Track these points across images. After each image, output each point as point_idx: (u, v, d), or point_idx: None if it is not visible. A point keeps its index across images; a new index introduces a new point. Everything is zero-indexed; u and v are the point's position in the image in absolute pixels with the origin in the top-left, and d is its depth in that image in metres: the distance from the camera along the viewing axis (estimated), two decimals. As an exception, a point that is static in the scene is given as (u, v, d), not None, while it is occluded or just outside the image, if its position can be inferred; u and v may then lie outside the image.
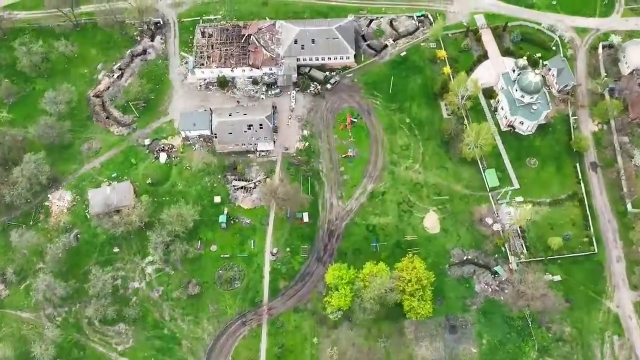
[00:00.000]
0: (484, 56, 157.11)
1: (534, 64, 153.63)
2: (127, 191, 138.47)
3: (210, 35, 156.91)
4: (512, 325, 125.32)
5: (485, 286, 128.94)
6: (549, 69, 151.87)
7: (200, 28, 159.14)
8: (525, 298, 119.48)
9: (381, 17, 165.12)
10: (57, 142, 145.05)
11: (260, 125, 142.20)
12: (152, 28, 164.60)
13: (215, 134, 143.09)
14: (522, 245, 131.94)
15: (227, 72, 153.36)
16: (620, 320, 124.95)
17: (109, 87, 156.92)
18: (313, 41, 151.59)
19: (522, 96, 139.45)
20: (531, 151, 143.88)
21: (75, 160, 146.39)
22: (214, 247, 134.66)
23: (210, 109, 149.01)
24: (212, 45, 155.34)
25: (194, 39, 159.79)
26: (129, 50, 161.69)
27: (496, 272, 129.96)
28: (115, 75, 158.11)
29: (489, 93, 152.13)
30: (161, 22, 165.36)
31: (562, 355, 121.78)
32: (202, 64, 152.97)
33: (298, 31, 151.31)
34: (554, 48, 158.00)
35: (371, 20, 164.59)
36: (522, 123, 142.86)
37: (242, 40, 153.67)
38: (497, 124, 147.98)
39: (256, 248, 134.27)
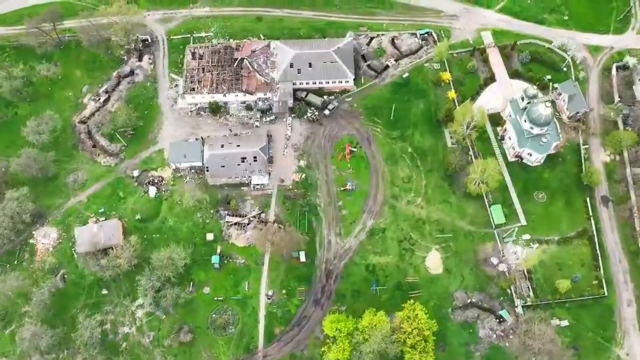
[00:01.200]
0: (491, 79, 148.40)
1: (543, 87, 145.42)
2: (115, 229, 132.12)
3: (201, 57, 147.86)
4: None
5: (490, 332, 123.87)
6: (560, 94, 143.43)
7: (191, 49, 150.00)
8: (532, 351, 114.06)
9: (382, 35, 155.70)
10: (41, 175, 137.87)
11: (255, 158, 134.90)
12: (140, 46, 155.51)
13: (207, 167, 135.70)
14: (528, 287, 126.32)
15: (219, 97, 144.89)
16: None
17: (95, 113, 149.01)
18: (310, 65, 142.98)
19: (531, 127, 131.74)
20: (539, 184, 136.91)
21: (61, 193, 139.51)
22: (206, 289, 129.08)
23: (202, 138, 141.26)
24: (203, 69, 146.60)
25: (184, 59, 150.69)
26: (116, 72, 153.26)
27: (501, 317, 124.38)
28: (102, 100, 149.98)
29: (496, 120, 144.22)
30: (149, 40, 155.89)
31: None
32: (193, 89, 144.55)
33: (294, 54, 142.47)
34: (565, 69, 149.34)
35: (371, 39, 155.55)
36: (530, 154, 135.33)
37: (235, 65, 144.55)
38: (503, 154, 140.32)
39: (251, 290, 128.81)
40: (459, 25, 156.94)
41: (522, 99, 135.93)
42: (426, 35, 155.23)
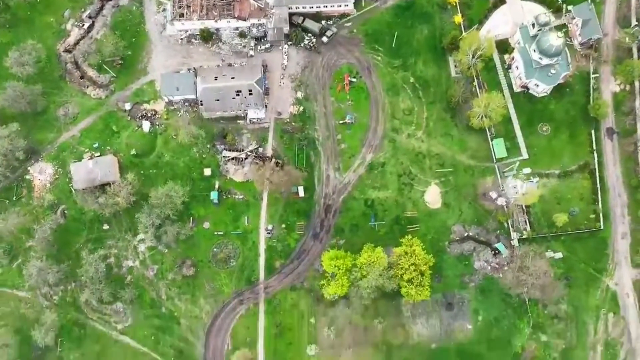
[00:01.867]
0: (501, 0, 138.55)
1: (557, 11, 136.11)
2: (111, 165, 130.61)
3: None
4: (508, 302, 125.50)
5: (485, 264, 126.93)
6: (573, 18, 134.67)
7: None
8: (525, 284, 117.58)
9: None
10: (30, 109, 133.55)
11: (250, 91, 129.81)
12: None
13: (201, 101, 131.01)
14: (525, 221, 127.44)
15: (210, 23, 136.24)
16: (618, 298, 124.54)
17: (79, 40, 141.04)
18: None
19: (541, 58, 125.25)
20: (544, 115, 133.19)
21: (52, 127, 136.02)
22: (206, 224, 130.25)
23: (194, 69, 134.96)
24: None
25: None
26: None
27: (497, 249, 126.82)
28: (86, 25, 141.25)
29: (504, 46, 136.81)
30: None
31: (556, 332, 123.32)
32: (182, 15, 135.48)
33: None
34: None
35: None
36: (537, 85, 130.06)
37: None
38: (509, 84, 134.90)
39: (250, 225, 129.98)
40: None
41: (533, 25, 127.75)
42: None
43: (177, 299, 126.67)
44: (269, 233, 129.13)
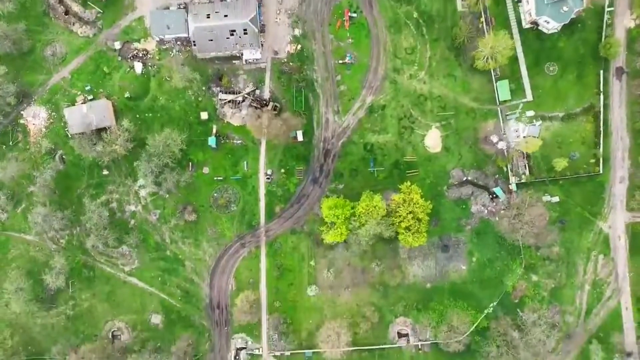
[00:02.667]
0: None
1: None
2: (106, 110, 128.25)
3: None
4: (502, 244, 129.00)
5: (482, 207, 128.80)
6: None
7: None
8: (520, 231, 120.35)
9: None
10: (16, 50, 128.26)
11: (245, 30, 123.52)
12: None
13: (194, 42, 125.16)
14: (525, 165, 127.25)
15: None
16: (609, 241, 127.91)
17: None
18: None
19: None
20: (552, 54, 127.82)
21: (41, 69, 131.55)
22: (206, 170, 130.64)
23: (185, 4, 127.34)
24: None
25: None
26: None
27: (495, 194, 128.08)
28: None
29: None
30: None
31: (546, 273, 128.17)
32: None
33: None
34: None
35: None
36: (547, 22, 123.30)
37: None
38: (518, 19, 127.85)
39: (250, 170, 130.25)
40: None
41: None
42: None
43: (181, 242, 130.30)
44: (268, 178, 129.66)
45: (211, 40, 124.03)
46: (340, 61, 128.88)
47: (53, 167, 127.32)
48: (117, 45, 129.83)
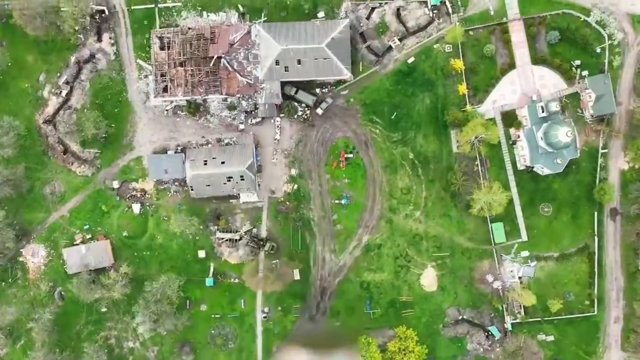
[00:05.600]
0: (510, 66, 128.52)
1: (570, 78, 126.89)
2: (105, 251, 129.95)
3: (169, 46, 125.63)
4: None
5: (478, 345, 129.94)
6: (587, 88, 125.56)
7: (156, 34, 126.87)
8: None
9: (385, 4, 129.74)
10: (15, 193, 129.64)
11: (242, 177, 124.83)
12: (97, 18, 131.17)
13: (192, 187, 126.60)
14: (520, 305, 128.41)
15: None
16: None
17: (59, 110, 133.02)
18: (299, 62, 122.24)
19: (548, 147, 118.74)
20: (547, 195, 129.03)
21: (40, 207, 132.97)
22: (203, 307, 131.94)
23: (182, 148, 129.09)
24: (175, 63, 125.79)
25: (150, 42, 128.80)
26: (74, 57, 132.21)
27: (490, 332, 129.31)
28: (64, 93, 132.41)
29: (510, 119, 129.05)
30: (106, 12, 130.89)
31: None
32: (165, 90, 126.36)
33: (280, 51, 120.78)
34: (599, 51, 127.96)
35: (372, 10, 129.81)
36: (542, 168, 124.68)
37: (212, 64, 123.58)
38: (513, 161, 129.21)
39: (247, 307, 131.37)
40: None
41: (542, 109, 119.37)
42: (438, 4, 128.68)
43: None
44: (265, 316, 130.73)
45: (208, 185, 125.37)
46: (336, 201, 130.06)
47: (52, 309, 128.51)
48: (116, 184, 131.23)
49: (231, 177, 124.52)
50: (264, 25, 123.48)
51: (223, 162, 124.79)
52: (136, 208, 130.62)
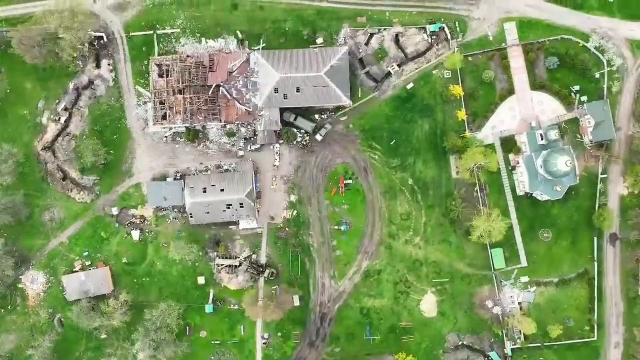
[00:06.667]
0: (509, 92, 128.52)
1: (569, 104, 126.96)
2: (104, 278, 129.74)
3: (168, 73, 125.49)
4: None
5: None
6: (586, 114, 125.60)
7: (155, 61, 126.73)
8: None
9: (384, 30, 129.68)
10: (14, 220, 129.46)
11: (241, 204, 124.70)
12: (96, 44, 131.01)
13: (191, 214, 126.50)
14: (520, 331, 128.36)
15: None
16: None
17: (57, 137, 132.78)
18: (298, 89, 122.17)
19: (547, 174, 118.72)
20: (546, 221, 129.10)
21: (40, 234, 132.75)
22: (203, 333, 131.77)
23: (181, 175, 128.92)
24: (173, 90, 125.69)
25: (149, 68, 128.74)
26: (72, 83, 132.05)
27: (490, 357, 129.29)
28: (62, 119, 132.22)
29: (509, 145, 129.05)
30: (104, 38, 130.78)
31: None
32: (164, 117, 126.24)
33: (278, 79, 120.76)
34: (597, 76, 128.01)
35: (371, 35, 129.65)
36: (541, 194, 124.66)
37: (210, 92, 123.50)
38: (512, 187, 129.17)
39: (247, 333, 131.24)
40: (478, 14, 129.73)
41: (541, 137, 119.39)
42: (437, 30, 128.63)
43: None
44: (265, 342, 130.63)
45: (207, 212, 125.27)
46: (336, 227, 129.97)
47: (51, 336, 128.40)
48: (115, 211, 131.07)
49: (230, 205, 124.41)
50: (263, 53, 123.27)
51: (222, 190, 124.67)
52: (135, 235, 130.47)
